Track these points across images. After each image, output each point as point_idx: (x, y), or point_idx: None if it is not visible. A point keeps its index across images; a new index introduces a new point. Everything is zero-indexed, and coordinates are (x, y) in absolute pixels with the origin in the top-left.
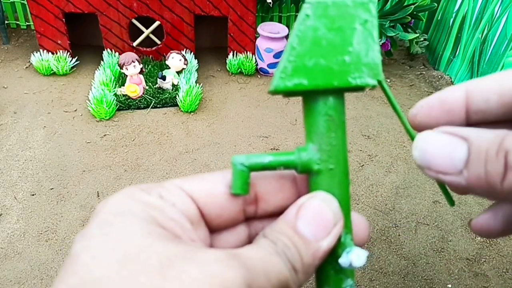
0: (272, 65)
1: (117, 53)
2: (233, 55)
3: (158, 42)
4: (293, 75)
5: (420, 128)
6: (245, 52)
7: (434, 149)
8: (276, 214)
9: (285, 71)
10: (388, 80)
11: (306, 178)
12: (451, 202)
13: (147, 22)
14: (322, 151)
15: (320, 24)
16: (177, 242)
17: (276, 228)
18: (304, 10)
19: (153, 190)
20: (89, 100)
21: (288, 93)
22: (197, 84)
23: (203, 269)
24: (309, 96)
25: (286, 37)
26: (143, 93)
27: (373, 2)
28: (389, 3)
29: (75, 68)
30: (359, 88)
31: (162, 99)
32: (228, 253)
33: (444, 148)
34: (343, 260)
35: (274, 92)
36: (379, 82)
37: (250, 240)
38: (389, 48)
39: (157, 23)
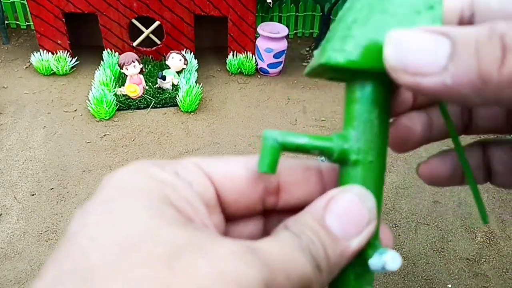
0: (272, 65)
1: (117, 53)
2: (233, 55)
3: (158, 42)
4: (349, 52)
5: None
6: (245, 52)
7: (412, 46)
8: (297, 209)
9: (342, 44)
10: None
11: (333, 173)
12: (486, 220)
13: (147, 22)
14: (364, 140)
15: (380, 2)
16: (189, 228)
17: (300, 220)
18: None
19: (168, 166)
20: (89, 100)
21: (333, 71)
22: (197, 84)
23: (216, 264)
24: (357, 79)
25: (286, 37)
26: (143, 93)
27: None
28: None
29: (75, 68)
30: None
31: (162, 99)
32: (245, 246)
33: (425, 44)
34: (375, 262)
35: (327, 64)
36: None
37: (265, 235)
38: None
39: (157, 23)
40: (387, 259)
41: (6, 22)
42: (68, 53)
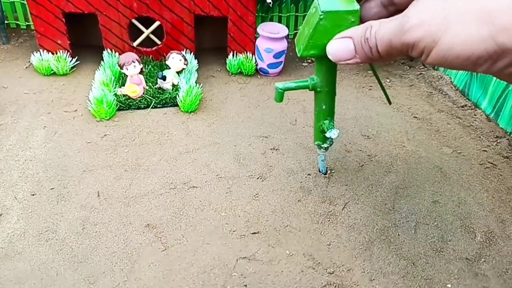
0: (272, 65)
1: (117, 53)
2: (233, 55)
3: (158, 42)
4: (311, 49)
5: None
6: (245, 52)
7: (338, 50)
8: None
9: (306, 46)
10: (388, 80)
11: None
12: (390, 102)
13: (147, 22)
14: (322, 81)
15: (327, 23)
16: None
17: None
18: (319, 15)
19: None
20: (89, 100)
21: (307, 57)
22: (197, 84)
23: None
24: (318, 58)
25: (286, 37)
26: (143, 93)
27: (357, 10)
28: None
29: (75, 68)
30: None
31: (162, 99)
32: None
33: (341, 47)
34: (328, 133)
35: (301, 56)
36: None
37: None
38: None
39: (157, 23)
40: (333, 133)
41: (6, 22)
42: (68, 53)
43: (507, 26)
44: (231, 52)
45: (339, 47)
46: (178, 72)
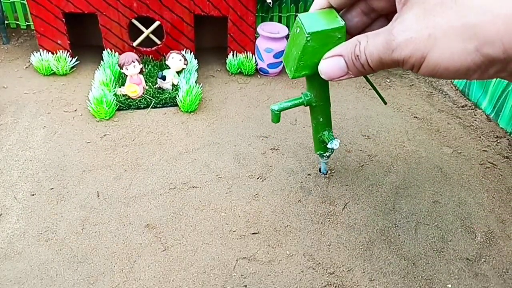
0: (272, 65)
1: (117, 53)
2: (233, 55)
3: (158, 42)
4: (302, 70)
5: None
6: (245, 52)
7: (330, 69)
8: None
9: (297, 68)
10: (388, 80)
11: None
12: (385, 102)
13: (147, 22)
14: (316, 96)
15: (314, 43)
16: None
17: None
18: (306, 37)
19: None
20: (89, 100)
21: (299, 77)
22: (197, 84)
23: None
24: (310, 76)
25: (286, 37)
26: (143, 93)
27: (342, 26)
28: None
29: (75, 68)
30: None
31: (162, 99)
32: None
33: (333, 67)
34: (329, 144)
35: (293, 78)
36: None
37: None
38: None
39: (157, 23)
40: (334, 143)
41: (6, 22)
42: (68, 53)
43: (490, 39)
44: (231, 52)
45: (331, 66)
46: (178, 72)
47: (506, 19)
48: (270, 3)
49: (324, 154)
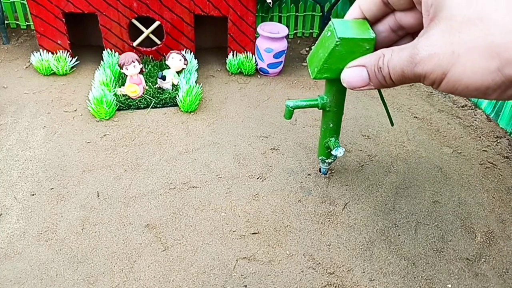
0: (272, 65)
1: (117, 53)
2: (233, 55)
3: (158, 42)
4: (324, 72)
5: None
6: (245, 52)
7: (352, 78)
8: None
9: (320, 70)
10: None
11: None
12: (392, 123)
13: (147, 22)
14: (332, 101)
15: (343, 49)
16: None
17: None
18: (336, 41)
19: None
20: (89, 100)
21: (320, 79)
22: (197, 84)
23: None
24: (330, 80)
25: (286, 37)
26: (143, 93)
27: (373, 38)
28: None
29: (75, 68)
30: None
31: (162, 99)
32: None
33: (356, 76)
34: (334, 152)
35: (315, 79)
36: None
37: None
38: None
39: (157, 23)
40: (339, 151)
41: (6, 22)
42: (68, 53)
43: None
44: (231, 52)
45: (353, 75)
46: (178, 72)
47: None
48: (270, 3)
49: (326, 160)
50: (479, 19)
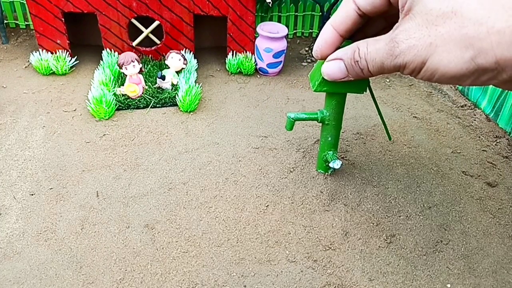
0: (272, 65)
1: (116, 53)
2: (232, 55)
3: (158, 41)
4: (324, 86)
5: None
6: (244, 52)
7: (331, 71)
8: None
9: (320, 83)
10: (388, 80)
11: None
12: (390, 138)
13: (146, 22)
14: (331, 115)
15: None
16: None
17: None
18: None
19: None
20: (88, 100)
21: (320, 92)
22: (197, 84)
23: None
24: (329, 93)
25: (286, 37)
26: (142, 93)
27: None
28: None
29: (74, 68)
30: (354, 92)
31: (162, 98)
32: None
33: (334, 68)
34: (331, 164)
35: (315, 91)
36: (367, 89)
37: None
38: None
39: (156, 22)
40: (336, 163)
41: (5, 21)
42: (68, 53)
43: (484, 50)
44: (231, 51)
45: (331, 68)
46: (178, 72)
47: (499, 34)
48: (269, 2)
49: (324, 174)
50: (453, 13)
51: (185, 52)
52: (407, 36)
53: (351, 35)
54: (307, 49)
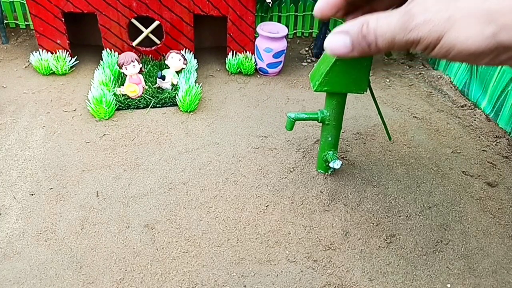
0: (271, 65)
1: (116, 53)
2: (232, 54)
3: (158, 41)
4: (324, 86)
5: (325, 18)
6: (244, 52)
7: (335, 45)
8: None
9: (320, 83)
10: (388, 80)
11: None
12: (390, 138)
13: (146, 22)
14: (331, 115)
15: (342, 65)
16: None
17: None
18: (336, 58)
19: None
20: (88, 100)
21: (320, 92)
22: (197, 83)
23: None
24: (330, 93)
25: (286, 37)
26: (142, 93)
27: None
28: None
29: (74, 68)
30: (355, 92)
31: (162, 98)
32: None
33: (338, 42)
34: (331, 164)
35: (316, 91)
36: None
37: None
38: None
39: (156, 22)
40: (336, 163)
41: (5, 21)
42: (68, 53)
43: (507, 26)
44: (231, 51)
45: (335, 41)
46: (178, 72)
47: None
48: (269, 2)
49: (324, 174)
50: None
51: (185, 52)
52: (424, 9)
53: (356, 7)
54: (307, 49)
